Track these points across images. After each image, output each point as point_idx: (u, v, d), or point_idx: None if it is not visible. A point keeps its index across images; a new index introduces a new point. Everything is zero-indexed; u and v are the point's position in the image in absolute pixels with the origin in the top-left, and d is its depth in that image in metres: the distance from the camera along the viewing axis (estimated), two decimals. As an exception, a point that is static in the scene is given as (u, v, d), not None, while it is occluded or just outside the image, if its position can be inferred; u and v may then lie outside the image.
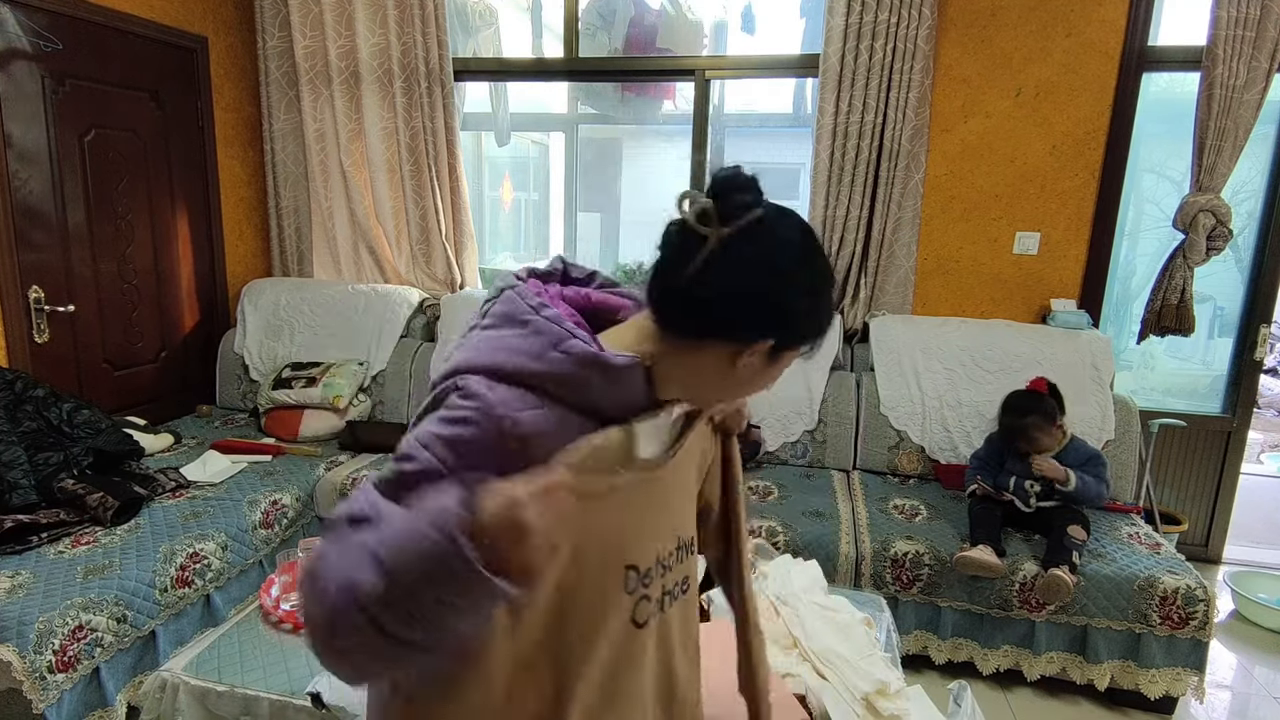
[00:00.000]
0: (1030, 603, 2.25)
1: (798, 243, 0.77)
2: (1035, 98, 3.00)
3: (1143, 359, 3.56)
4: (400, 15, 3.30)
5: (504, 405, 0.74)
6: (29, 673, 1.68)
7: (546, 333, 0.77)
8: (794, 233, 0.77)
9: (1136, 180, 3.20)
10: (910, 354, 2.97)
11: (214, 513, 2.36)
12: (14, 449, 2.22)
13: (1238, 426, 3.15)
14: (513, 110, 4.07)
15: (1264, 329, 3.07)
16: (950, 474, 2.80)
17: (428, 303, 3.51)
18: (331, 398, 3.09)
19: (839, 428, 2.97)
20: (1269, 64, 2.67)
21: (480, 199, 4.53)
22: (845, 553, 2.35)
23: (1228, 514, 3.23)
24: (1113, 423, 2.75)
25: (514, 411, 0.74)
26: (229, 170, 3.55)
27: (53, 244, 2.78)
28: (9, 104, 2.58)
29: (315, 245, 3.67)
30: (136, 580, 1.98)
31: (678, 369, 0.81)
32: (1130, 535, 2.43)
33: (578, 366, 0.76)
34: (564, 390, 0.77)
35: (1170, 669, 2.20)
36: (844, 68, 2.96)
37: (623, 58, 3.64)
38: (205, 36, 3.33)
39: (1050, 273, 3.11)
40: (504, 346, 0.78)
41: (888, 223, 3.07)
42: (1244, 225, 3.05)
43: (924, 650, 2.37)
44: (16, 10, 2.59)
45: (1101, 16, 2.90)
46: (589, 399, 0.78)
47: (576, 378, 0.76)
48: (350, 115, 3.47)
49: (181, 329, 3.39)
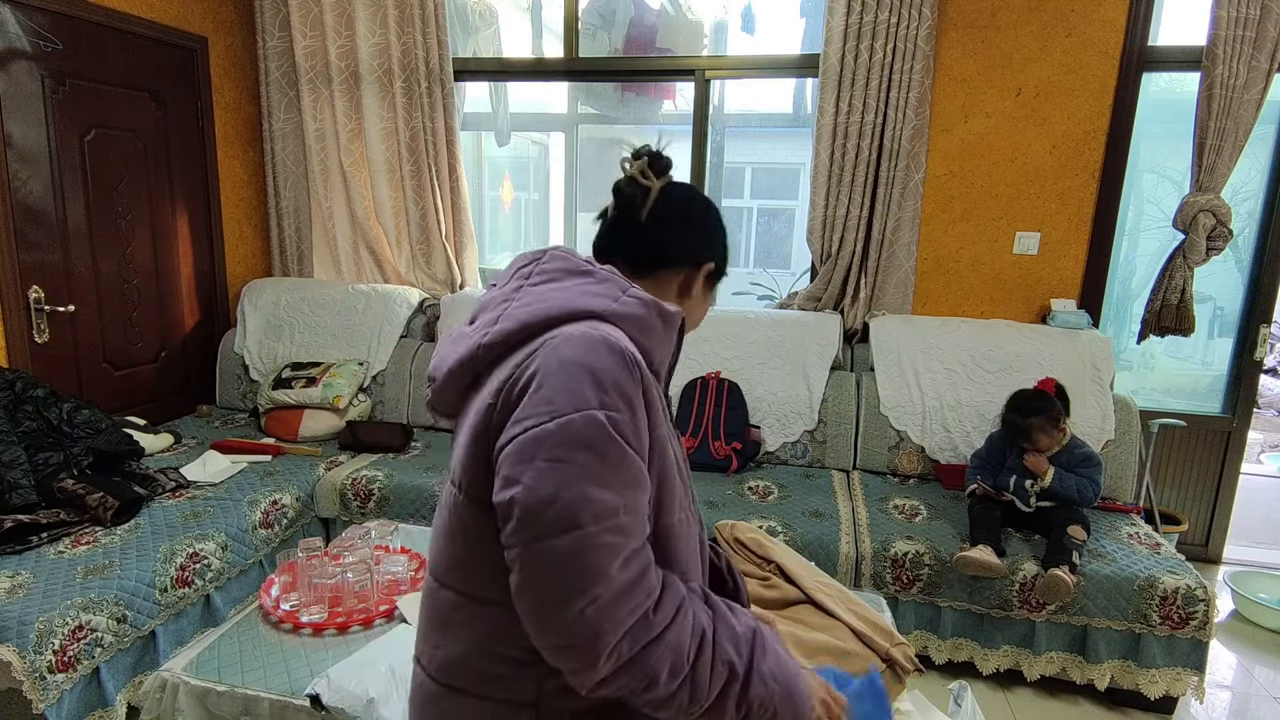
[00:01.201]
0: (1030, 603, 2.25)
1: (692, 187, 1.01)
2: (1035, 97, 3.00)
3: (1143, 359, 3.56)
4: (400, 15, 3.30)
5: (618, 339, 0.81)
6: (29, 673, 1.68)
7: (612, 280, 0.89)
8: (692, 186, 1.02)
9: (1136, 180, 3.20)
10: (910, 354, 2.97)
11: (214, 513, 2.36)
12: (14, 449, 2.22)
13: (1238, 426, 3.15)
14: (513, 110, 4.07)
15: (1264, 329, 3.07)
16: (950, 474, 2.80)
17: (428, 303, 3.51)
18: (331, 398, 3.10)
19: (839, 428, 2.97)
20: (1269, 64, 2.67)
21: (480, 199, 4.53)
22: (845, 553, 2.35)
23: (1228, 514, 3.23)
24: (1113, 423, 2.75)
25: (626, 344, 0.81)
26: (229, 170, 3.55)
27: (53, 244, 2.78)
28: (9, 104, 2.58)
29: (315, 245, 3.67)
30: (136, 580, 1.98)
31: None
32: (1130, 535, 2.43)
33: (646, 309, 0.87)
34: (636, 331, 0.86)
35: (1170, 669, 2.20)
36: (844, 68, 2.96)
37: (623, 58, 3.64)
38: (205, 36, 3.33)
39: (1050, 273, 3.11)
40: (591, 293, 0.86)
41: (888, 223, 3.07)
42: (1244, 225, 3.05)
43: (924, 650, 2.37)
44: (16, 10, 2.59)
45: (1101, 16, 2.90)
46: (651, 343, 0.88)
47: (646, 320, 0.87)
48: (350, 115, 3.47)
49: (181, 329, 3.39)
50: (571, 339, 0.79)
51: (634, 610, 0.74)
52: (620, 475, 0.75)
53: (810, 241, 3.22)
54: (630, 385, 0.78)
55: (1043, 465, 2.39)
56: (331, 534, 2.76)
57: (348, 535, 2.14)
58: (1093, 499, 2.40)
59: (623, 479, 0.75)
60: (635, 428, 0.78)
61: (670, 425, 0.91)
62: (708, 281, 1.02)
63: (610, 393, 0.76)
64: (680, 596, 0.81)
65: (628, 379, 0.78)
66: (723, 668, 0.80)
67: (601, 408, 0.75)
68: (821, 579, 1.82)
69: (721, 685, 0.80)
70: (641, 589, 0.75)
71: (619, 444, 0.75)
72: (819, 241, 3.17)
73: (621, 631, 0.73)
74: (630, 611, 0.74)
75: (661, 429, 0.85)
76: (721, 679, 0.80)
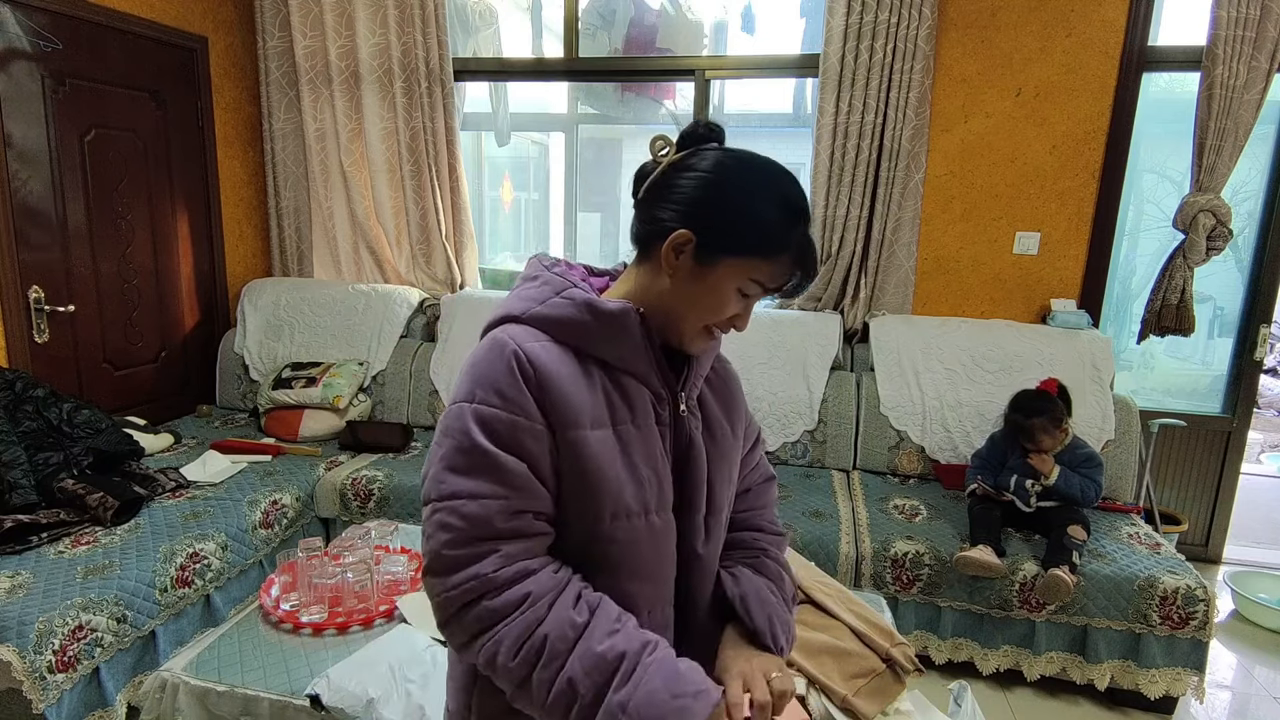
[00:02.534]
0: (1030, 603, 2.25)
1: (721, 157, 0.86)
2: (1035, 97, 3.00)
3: (1143, 359, 3.56)
4: (400, 15, 3.30)
5: (514, 339, 0.84)
6: (29, 673, 1.68)
7: (551, 283, 0.90)
8: (725, 154, 0.87)
9: (1136, 180, 3.20)
10: (910, 354, 2.97)
11: (214, 513, 2.36)
12: (14, 449, 2.22)
13: (1238, 426, 3.15)
14: (513, 110, 4.07)
15: (1264, 329, 3.07)
16: (950, 474, 2.80)
17: (428, 303, 3.51)
18: (331, 398, 3.09)
19: (839, 428, 2.97)
20: (1269, 64, 2.67)
21: (480, 199, 4.53)
22: (845, 553, 2.35)
23: (1228, 514, 3.23)
24: (1113, 423, 2.75)
25: (522, 343, 0.84)
26: (229, 170, 3.55)
27: (53, 244, 2.78)
28: (9, 104, 2.58)
29: (315, 245, 3.67)
30: (136, 580, 1.98)
31: (647, 294, 0.89)
32: (1130, 535, 2.43)
33: (575, 310, 0.86)
34: (566, 333, 0.87)
35: (1170, 669, 2.20)
36: (844, 68, 2.96)
37: (623, 58, 3.64)
38: (205, 36, 3.33)
39: (1050, 273, 3.11)
40: (520, 296, 0.90)
41: (888, 223, 3.07)
42: (1244, 225, 3.05)
43: (924, 650, 2.37)
44: (16, 10, 2.59)
45: (1101, 16, 2.89)
46: (590, 343, 0.87)
47: (575, 321, 0.86)
48: (350, 115, 3.47)
49: (181, 329, 3.39)
50: (480, 343, 0.87)
51: (466, 592, 0.79)
52: (472, 463, 0.80)
53: (810, 241, 3.22)
54: (509, 384, 0.81)
55: (1048, 465, 2.39)
56: (331, 534, 2.76)
57: (348, 535, 2.14)
58: (1094, 499, 2.40)
59: (475, 467, 0.80)
60: (511, 425, 0.81)
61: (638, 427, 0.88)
62: (681, 253, 0.85)
63: (483, 389, 0.81)
64: (532, 595, 0.79)
65: (507, 378, 0.81)
66: (564, 684, 0.77)
67: (470, 401, 0.81)
68: (821, 579, 1.82)
69: (564, 704, 0.77)
70: (470, 575, 0.79)
71: (475, 436, 0.80)
72: (819, 241, 3.17)
73: (452, 609, 0.79)
74: (462, 593, 0.79)
75: (584, 430, 0.83)
76: (563, 696, 0.77)
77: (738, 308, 0.88)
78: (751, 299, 0.89)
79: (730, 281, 0.85)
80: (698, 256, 0.84)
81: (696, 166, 0.86)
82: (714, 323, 0.89)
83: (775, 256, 0.85)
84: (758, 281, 0.86)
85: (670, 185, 0.86)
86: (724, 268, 0.85)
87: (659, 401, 0.92)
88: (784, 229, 0.84)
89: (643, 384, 0.90)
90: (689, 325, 0.89)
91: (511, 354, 0.82)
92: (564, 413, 0.83)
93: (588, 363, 0.87)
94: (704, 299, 0.87)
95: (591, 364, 0.87)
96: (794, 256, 0.85)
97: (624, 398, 0.88)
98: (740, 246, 0.84)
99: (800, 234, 0.85)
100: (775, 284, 0.87)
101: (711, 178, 0.85)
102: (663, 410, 0.92)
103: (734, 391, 1.06)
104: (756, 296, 0.89)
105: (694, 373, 0.95)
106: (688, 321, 0.89)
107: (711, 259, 0.84)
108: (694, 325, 0.89)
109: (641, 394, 0.89)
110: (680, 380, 0.94)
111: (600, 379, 0.87)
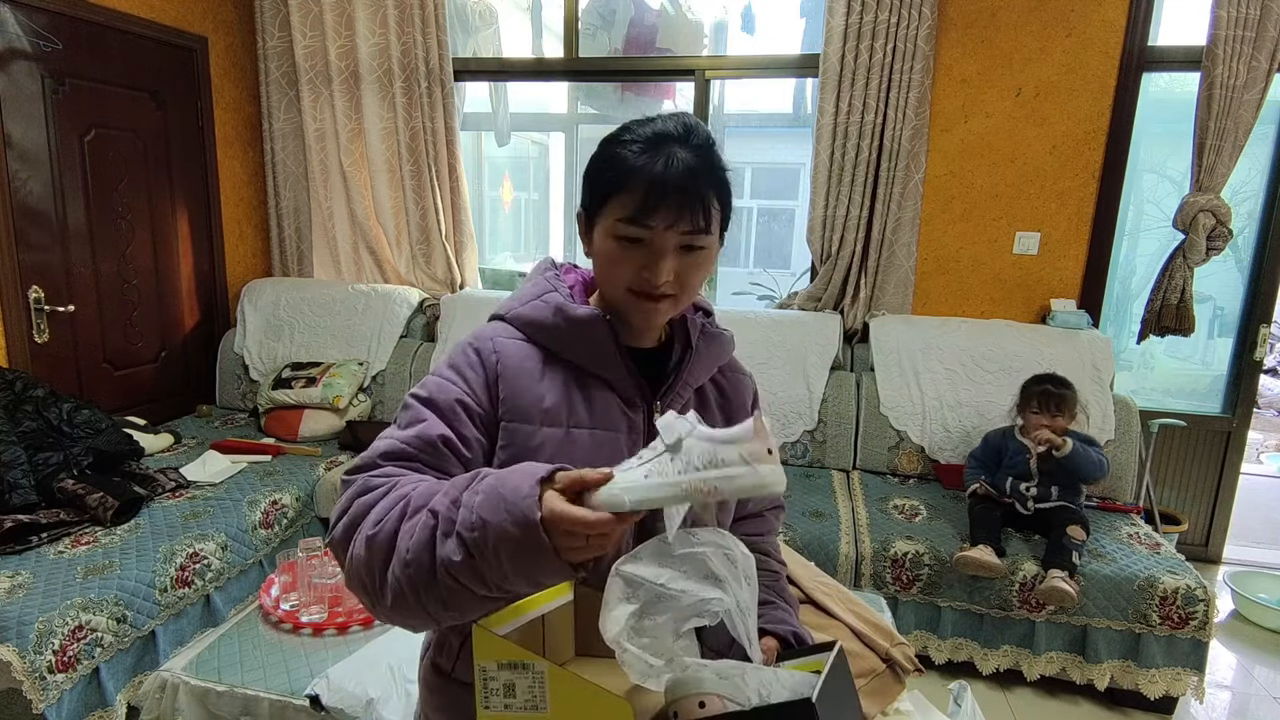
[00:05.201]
0: (1030, 603, 2.25)
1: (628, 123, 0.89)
2: (1035, 97, 3.00)
3: (1143, 359, 3.56)
4: (400, 15, 3.30)
5: (491, 332, 0.94)
6: (29, 673, 1.68)
7: (538, 286, 0.96)
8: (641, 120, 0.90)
9: (1136, 180, 3.20)
10: (910, 354, 2.97)
11: (214, 513, 2.36)
12: (14, 449, 2.22)
13: (1238, 426, 3.15)
14: (513, 110, 4.07)
15: (1264, 329, 3.07)
16: (950, 474, 2.80)
17: (428, 303, 3.51)
18: (331, 398, 3.10)
19: (839, 428, 2.97)
20: (1269, 64, 2.67)
21: (480, 199, 4.53)
22: (845, 553, 2.35)
23: (1228, 514, 3.23)
24: (1113, 423, 2.75)
25: (494, 337, 0.92)
26: (229, 170, 3.55)
27: (53, 244, 2.78)
28: (9, 104, 2.58)
29: (315, 245, 3.67)
30: (136, 580, 1.98)
31: (599, 288, 0.94)
32: (1130, 535, 2.43)
33: (548, 313, 0.92)
34: (540, 335, 0.93)
35: (1170, 669, 2.20)
36: (844, 68, 2.96)
37: (623, 58, 3.64)
38: (205, 36, 3.33)
39: (1050, 273, 3.11)
40: (512, 296, 0.98)
41: (888, 223, 3.07)
42: (1244, 225, 3.05)
43: (924, 650, 2.37)
44: (16, 10, 2.59)
45: (1101, 16, 2.90)
46: (562, 346, 0.92)
47: (548, 323, 0.92)
48: (350, 115, 3.47)
49: (181, 329, 3.39)
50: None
51: (346, 499, 0.82)
52: (403, 417, 0.89)
53: (810, 241, 3.22)
54: (466, 366, 0.90)
55: (1056, 439, 2.35)
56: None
57: (348, 535, 2.13)
58: (1105, 473, 2.41)
59: (403, 421, 0.88)
60: (450, 396, 0.88)
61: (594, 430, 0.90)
62: (585, 232, 0.91)
63: (444, 367, 0.91)
64: (400, 480, 0.81)
65: (466, 362, 0.91)
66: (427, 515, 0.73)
67: (433, 374, 0.91)
68: (821, 579, 1.82)
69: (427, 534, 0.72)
70: (355, 489, 0.82)
71: (414, 393, 0.90)
72: (819, 241, 3.17)
73: (335, 518, 0.83)
74: (344, 500, 0.83)
75: (533, 426, 0.88)
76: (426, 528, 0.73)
77: (637, 257, 0.85)
78: (643, 243, 0.85)
79: (609, 231, 0.86)
80: (589, 227, 0.91)
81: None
82: (631, 285, 0.87)
83: (627, 186, 0.83)
84: (624, 219, 0.84)
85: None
86: (601, 223, 0.88)
87: (630, 407, 0.92)
88: (631, 159, 0.83)
89: (611, 389, 0.92)
90: (615, 294, 0.89)
91: (479, 345, 0.91)
92: (514, 406, 0.89)
93: (556, 364, 0.92)
94: (604, 261, 0.88)
95: (561, 365, 0.92)
96: (646, 176, 0.82)
97: (586, 401, 0.90)
98: (601, 195, 0.87)
99: (647, 156, 0.83)
100: (640, 211, 0.83)
101: (600, 147, 0.90)
102: (635, 416, 0.92)
103: (743, 403, 1.04)
104: (638, 235, 0.85)
105: (680, 380, 0.94)
106: (612, 290, 0.89)
107: (593, 222, 0.89)
108: (618, 292, 0.88)
109: (606, 398, 0.91)
110: (664, 387, 0.94)
111: (567, 380, 0.91)
